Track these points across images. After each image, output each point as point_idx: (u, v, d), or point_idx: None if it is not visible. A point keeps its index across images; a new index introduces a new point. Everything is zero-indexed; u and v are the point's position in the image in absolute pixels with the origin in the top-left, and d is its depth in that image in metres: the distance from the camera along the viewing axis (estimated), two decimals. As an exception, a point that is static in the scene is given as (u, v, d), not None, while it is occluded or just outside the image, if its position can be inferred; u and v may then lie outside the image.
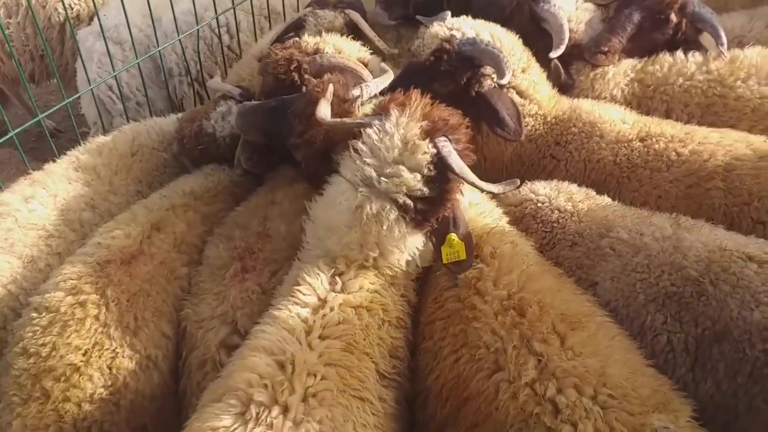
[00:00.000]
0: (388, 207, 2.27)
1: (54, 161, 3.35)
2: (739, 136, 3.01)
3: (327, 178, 2.53)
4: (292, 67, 3.01)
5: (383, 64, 3.26)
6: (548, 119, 3.27)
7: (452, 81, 3.08)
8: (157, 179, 3.51)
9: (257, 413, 1.82)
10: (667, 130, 3.06)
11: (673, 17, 3.55)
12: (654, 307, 2.39)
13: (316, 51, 3.20)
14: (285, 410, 1.85)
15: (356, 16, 4.01)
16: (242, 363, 2.02)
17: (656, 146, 3.00)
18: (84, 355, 2.39)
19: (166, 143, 3.62)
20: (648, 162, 2.98)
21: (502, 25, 3.42)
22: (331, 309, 2.19)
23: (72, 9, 4.76)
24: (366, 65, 3.29)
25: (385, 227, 2.28)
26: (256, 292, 2.59)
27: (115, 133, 3.64)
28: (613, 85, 3.51)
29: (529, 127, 3.23)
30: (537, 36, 3.49)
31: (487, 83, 3.09)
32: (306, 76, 2.98)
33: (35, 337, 2.41)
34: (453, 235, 2.31)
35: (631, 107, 3.42)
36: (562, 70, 3.44)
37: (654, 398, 1.99)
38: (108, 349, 2.44)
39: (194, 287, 2.79)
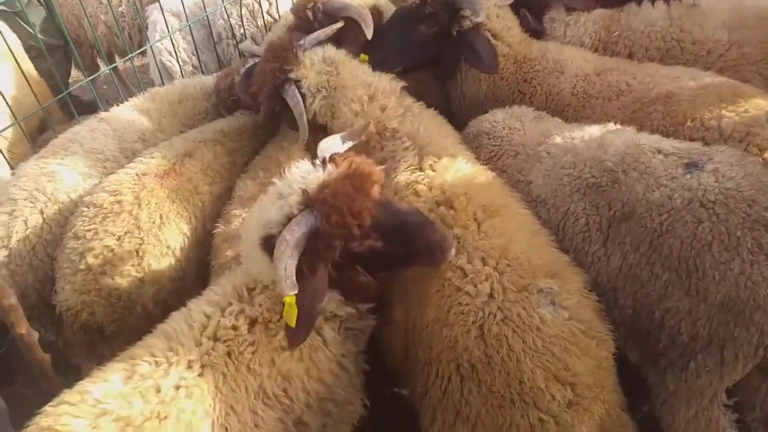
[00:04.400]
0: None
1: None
2: (688, 71, 3.14)
3: None
4: (308, 6, 3.41)
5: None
6: (518, 59, 3.48)
7: (435, 22, 3.38)
8: (199, 123, 3.88)
9: (135, 381, 2.01)
10: (621, 65, 3.23)
11: None
12: (577, 196, 2.63)
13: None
14: (157, 391, 1.99)
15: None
16: (144, 342, 2.19)
17: (609, 79, 3.17)
18: (117, 240, 2.80)
19: (208, 95, 4.00)
20: (601, 92, 3.16)
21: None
22: (230, 314, 2.20)
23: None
24: (381, 12, 3.66)
25: None
26: None
27: (168, 85, 4.16)
28: (582, 31, 3.65)
29: (501, 67, 3.44)
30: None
31: (466, 23, 3.35)
32: (319, 14, 3.38)
33: (83, 225, 2.85)
34: (290, 298, 2.02)
35: (598, 52, 3.55)
36: (530, 18, 3.63)
37: (545, 268, 2.28)
38: (137, 237, 2.83)
39: (226, 214, 3.05)
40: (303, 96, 3.00)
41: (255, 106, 3.38)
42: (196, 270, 3.02)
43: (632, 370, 2.55)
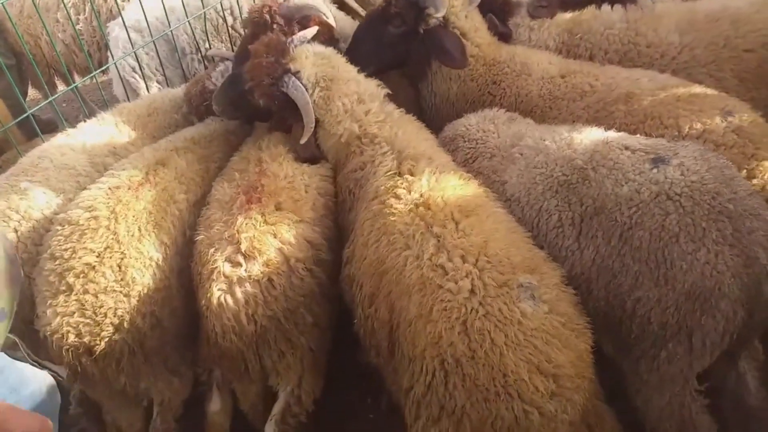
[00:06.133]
0: None
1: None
2: (646, 73, 3.26)
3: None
4: (264, 11, 3.43)
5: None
6: (487, 60, 3.56)
7: (403, 22, 3.45)
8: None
9: None
10: (585, 67, 3.34)
11: None
12: (549, 194, 2.69)
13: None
14: None
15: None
16: None
17: (574, 81, 3.27)
18: (98, 256, 2.71)
19: (177, 107, 3.97)
20: (566, 94, 3.26)
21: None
22: None
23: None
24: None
25: None
26: (258, 220, 2.75)
27: (136, 99, 4.10)
28: (546, 35, 3.74)
29: (470, 68, 3.54)
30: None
31: (432, 21, 3.43)
32: (276, 17, 3.42)
33: (59, 244, 2.74)
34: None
35: (561, 55, 3.65)
36: (497, 21, 3.73)
37: (524, 264, 2.34)
38: (117, 251, 2.74)
39: (205, 220, 2.98)
40: (304, 87, 3.04)
41: (231, 114, 3.43)
42: (180, 280, 2.96)
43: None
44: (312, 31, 3.45)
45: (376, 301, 2.54)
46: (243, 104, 3.31)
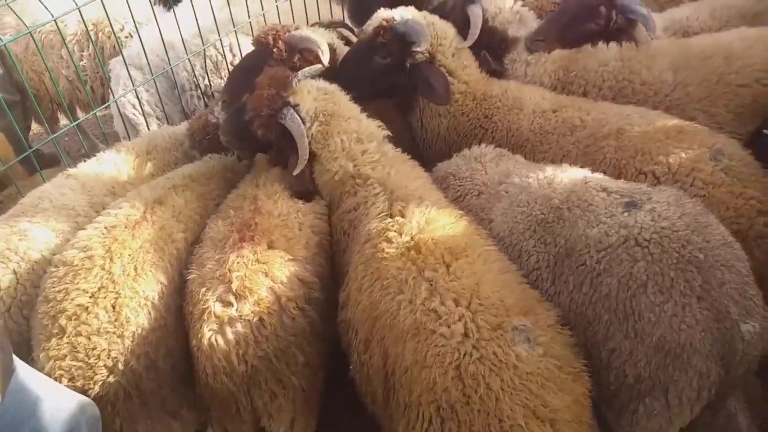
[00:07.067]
0: None
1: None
2: (638, 109, 3.26)
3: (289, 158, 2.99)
4: (270, 33, 3.55)
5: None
6: (477, 96, 3.58)
7: (389, 53, 3.49)
8: (169, 173, 3.87)
9: None
10: (576, 102, 3.34)
11: (603, 9, 3.68)
12: (529, 233, 2.66)
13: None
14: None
15: (346, 32, 4.43)
16: None
17: (564, 115, 3.27)
18: (91, 297, 2.67)
19: (177, 144, 3.95)
20: (556, 128, 3.26)
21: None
22: None
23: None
24: (335, 50, 3.79)
25: None
26: (250, 259, 2.71)
27: (136, 138, 4.10)
28: (542, 71, 3.73)
29: (459, 104, 3.56)
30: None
31: (419, 57, 3.47)
32: (279, 42, 3.55)
33: (53, 285, 2.71)
34: None
35: (556, 91, 3.65)
36: (490, 59, 3.75)
37: (518, 306, 2.29)
38: (112, 291, 2.70)
39: (198, 258, 2.96)
40: (302, 120, 3.06)
41: (236, 144, 3.47)
42: (177, 319, 2.93)
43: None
44: (318, 67, 3.49)
45: (371, 347, 2.51)
46: (246, 135, 3.33)
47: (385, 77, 3.64)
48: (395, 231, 2.63)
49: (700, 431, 2.45)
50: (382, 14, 3.63)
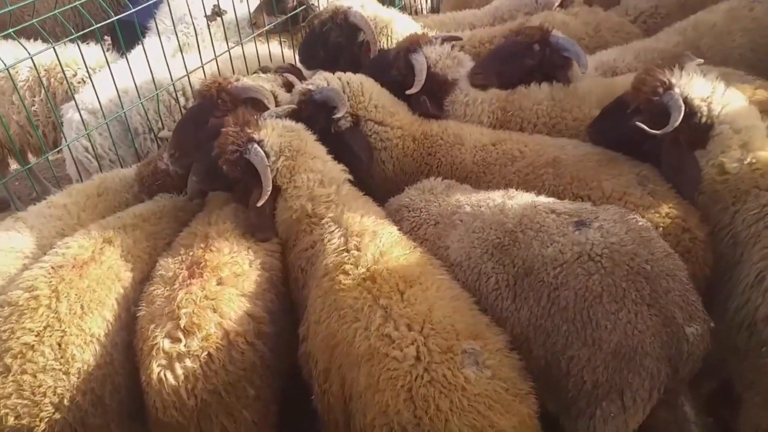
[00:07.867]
0: None
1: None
2: (571, 141, 3.44)
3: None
4: (213, 86, 3.54)
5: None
6: (417, 137, 3.69)
7: (315, 123, 3.47)
8: (120, 216, 3.82)
9: None
10: (513, 136, 3.50)
11: (537, 47, 3.85)
12: (486, 257, 2.75)
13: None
14: None
15: (292, 77, 4.47)
16: None
17: (504, 147, 3.41)
18: (37, 336, 2.63)
19: (128, 186, 3.92)
20: (498, 159, 3.39)
21: (387, 74, 3.89)
22: None
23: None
24: (276, 97, 3.80)
25: None
26: (198, 295, 2.71)
27: (86, 181, 4.04)
28: (480, 110, 3.86)
29: (400, 147, 3.66)
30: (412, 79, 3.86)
31: (342, 123, 3.53)
32: (222, 93, 3.54)
33: None
34: None
35: (494, 128, 3.76)
36: (428, 103, 3.83)
37: (468, 330, 2.37)
38: (57, 329, 2.67)
39: (148, 295, 2.91)
40: (267, 154, 3.09)
41: (208, 185, 3.53)
42: (124, 355, 2.87)
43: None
44: (287, 108, 3.53)
45: (330, 376, 2.53)
46: (216, 174, 3.33)
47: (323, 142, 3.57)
48: (351, 264, 2.68)
49: (655, 426, 2.58)
50: (299, 87, 3.72)
